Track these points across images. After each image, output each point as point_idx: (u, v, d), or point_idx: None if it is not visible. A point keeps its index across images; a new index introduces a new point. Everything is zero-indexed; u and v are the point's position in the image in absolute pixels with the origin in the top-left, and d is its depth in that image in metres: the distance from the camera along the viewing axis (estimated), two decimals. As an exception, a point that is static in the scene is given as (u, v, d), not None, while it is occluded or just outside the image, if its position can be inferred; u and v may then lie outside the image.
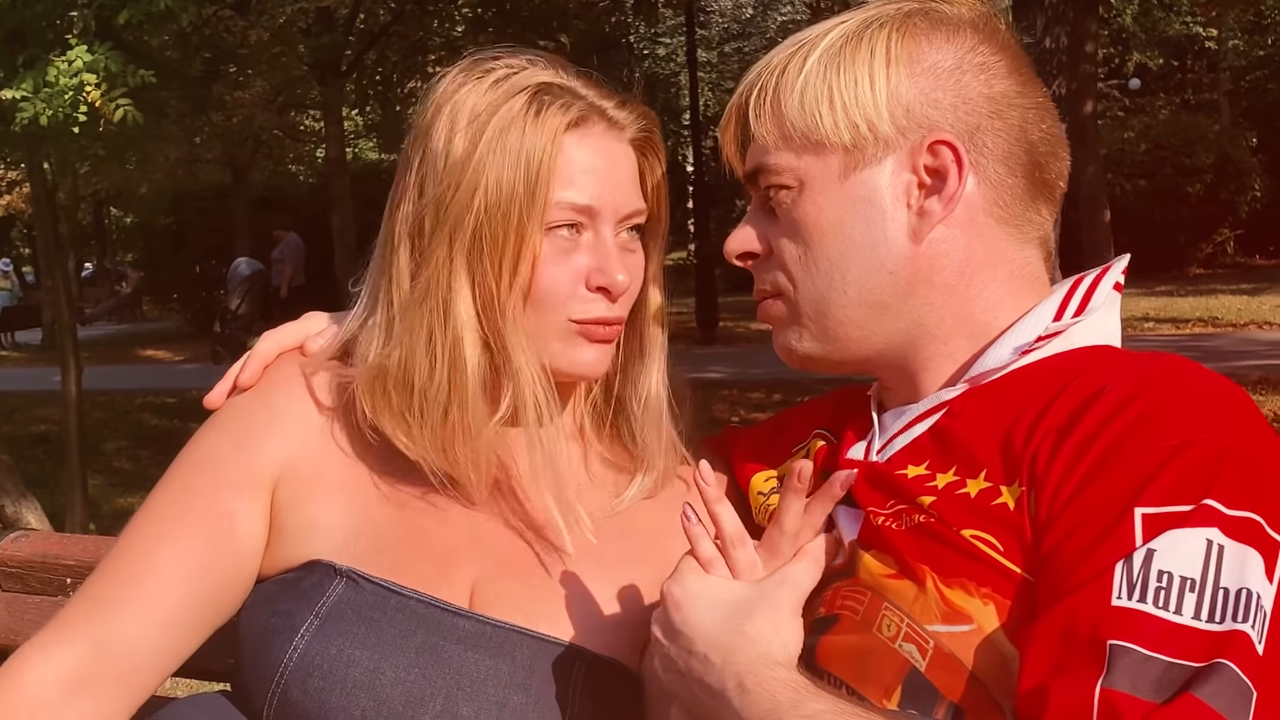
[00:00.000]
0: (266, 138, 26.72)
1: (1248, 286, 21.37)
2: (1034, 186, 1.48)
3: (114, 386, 17.32)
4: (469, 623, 1.57)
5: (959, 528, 1.32)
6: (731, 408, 12.40)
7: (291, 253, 21.14)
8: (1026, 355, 1.42)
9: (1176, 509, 1.19)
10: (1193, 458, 1.21)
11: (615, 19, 22.31)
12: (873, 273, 1.45)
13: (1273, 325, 16.86)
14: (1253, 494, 1.20)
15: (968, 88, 1.44)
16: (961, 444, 1.39)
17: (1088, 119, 10.23)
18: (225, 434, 1.66)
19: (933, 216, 1.43)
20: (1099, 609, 1.17)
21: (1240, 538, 1.17)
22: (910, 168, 1.44)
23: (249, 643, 1.58)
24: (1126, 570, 1.18)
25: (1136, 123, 27.54)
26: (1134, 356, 1.39)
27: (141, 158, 10.55)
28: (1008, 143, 1.45)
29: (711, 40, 35.88)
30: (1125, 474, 1.23)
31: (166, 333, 28.30)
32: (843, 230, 1.45)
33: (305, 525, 1.61)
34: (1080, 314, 1.44)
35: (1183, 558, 1.17)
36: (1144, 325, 16.93)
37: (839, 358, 1.51)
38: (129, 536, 1.62)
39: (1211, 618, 1.14)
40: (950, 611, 1.31)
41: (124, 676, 1.56)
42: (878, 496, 1.42)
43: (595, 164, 1.61)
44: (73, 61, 7.64)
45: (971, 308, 1.46)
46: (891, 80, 1.44)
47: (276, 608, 1.57)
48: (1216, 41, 34.67)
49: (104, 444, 13.16)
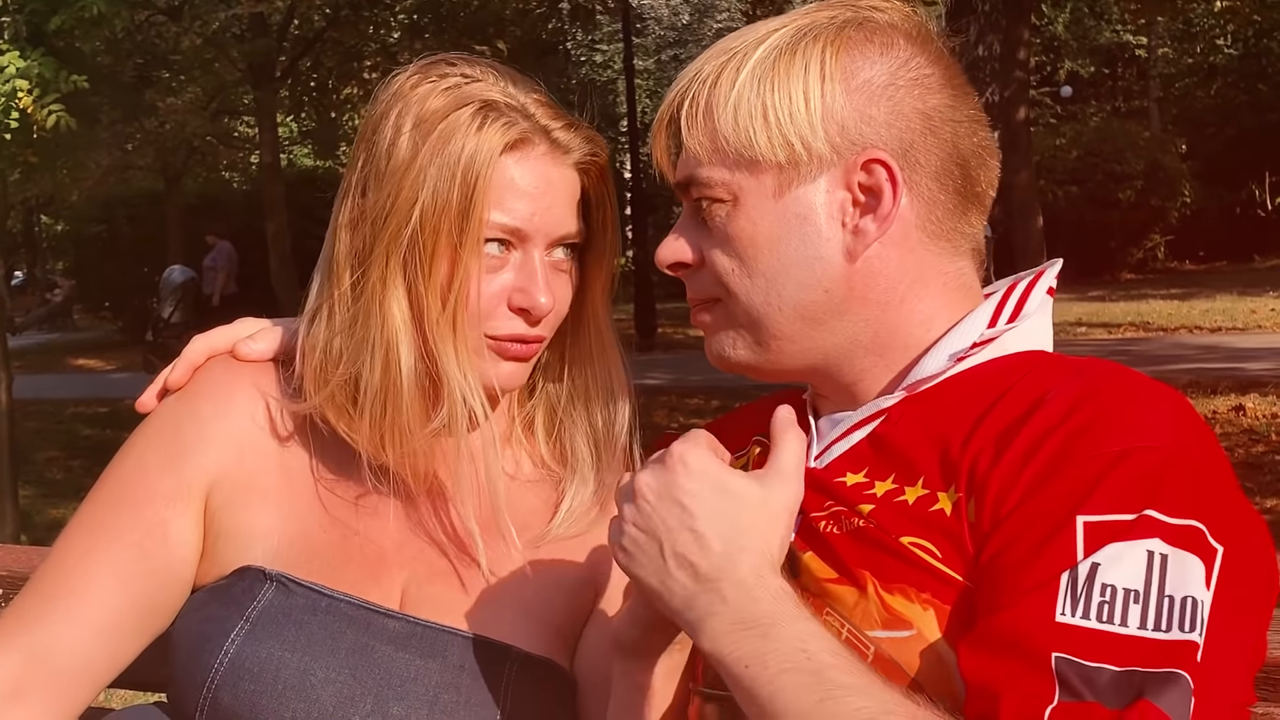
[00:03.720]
0: (199, 144, 26.50)
1: (1178, 291, 21.63)
2: (965, 200, 1.47)
3: (45, 396, 17.11)
4: (399, 623, 1.57)
5: (898, 535, 1.33)
6: (670, 414, 12.42)
7: (224, 260, 20.95)
8: (962, 362, 1.43)
9: (1118, 518, 1.20)
10: (1135, 465, 1.22)
11: (552, 26, 22.29)
12: (808, 290, 1.44)
13: (1203, 329, 17.09)
14: (1194, 501, 1.21)
15: (902, 103, 1.44)
16: (899, 452, 1.40)
17: (1021, 125, 10.34)
18: (153, 443, 1.65)
19: (867, 235, 1.43)
20: (1043, 624, 1.18)
21: (1182, 545, 1.19)
22: (845, 185, 1.43)
23: (181, 650, 1.57)
24: (1070, 584, 1.19)
25: (1068, 129, 27.86)
26: (1071, 362, 1.40)
27: (73, 164, 10.42)
28: (940, 158, 1.44)
29: (649, 47, 35.97)
30: (1068, 482, 1.23)
31: (98, 341, 27.99)
32: (778, 247, 1.44)
33: (240, 532, 1.61)
34: (1014, 320, 1.45)
35: (1125, 570, 1.18)
36: (1076, 330, 17.09)
37: (774, 368, 1.51)
38: (61, 548, 1.61)
39: (1157, 627, 1.16)
40: (890, 617, 1.31)
41: (59, 686, 1.54)
42: (816, 499, 1.42)
43: (530, 186, 1.60)
44: (5, 68, 7.55)
45: (906, 322, 1.47)
46: (826, 97, 1.42)
47: (207, 614, 1.57)
48: (1146, 49, 35.13)
49: (35, 454, 13.00)
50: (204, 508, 1.62)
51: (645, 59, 35.17)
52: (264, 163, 20.49)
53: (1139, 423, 1.26)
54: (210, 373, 1.69)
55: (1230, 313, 18.34)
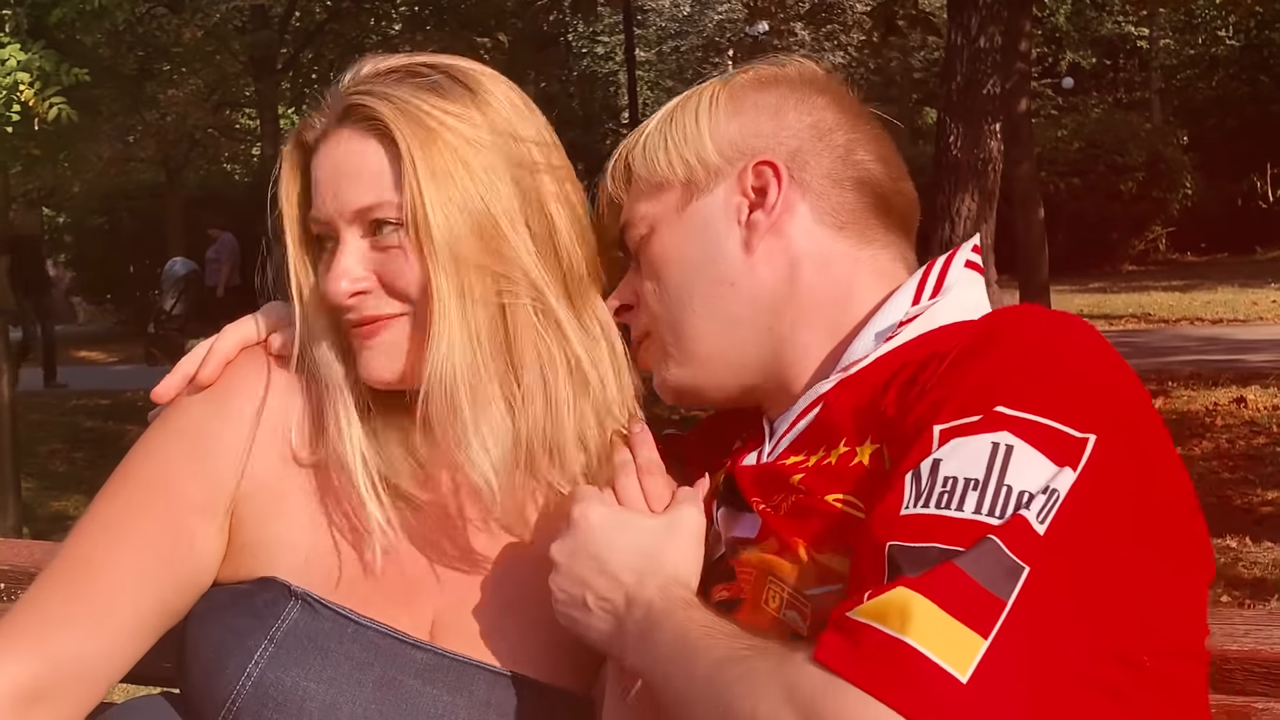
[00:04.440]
0: (201, 136, 26.48)
1: (1179, 283, 21.63)
2: (875, 207, 1.57)
3: (47, 388, 17.12)
4: (427, 655, 1.55)
5: (823, 494, 1.38)
6: (671, 406, 12.41)
7: (228, 252, 20.94)
8: (890, 340, 1.47)
9: (967, 420, 1.22)
10: (990, 369, 1.26)
11: (553, 17, 22.25)
12: (716, 286, 1.56)
13: (1204, 321, 17.09)
14: (1048, 399, 1.21)
15: (787, 117, 1.58)
16: (831, 426, 1.45)
17: (1022, 117, 10.33)
18: (180, 443, 1.60)
19: (759, 226, 1.54)
20: (887, 520, 1.21)
21: (1029, 439, 1.19)
22: (739, 191, 1.56)
23: (200, 656, 1.55)
24: (915, 480, 1.21)
25: (1070, 121, 27.83)
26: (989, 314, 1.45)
27: (75, 157, 10.41)
28: (831, 160, 1.56)
29: (650, 39, 35.93)
30: (932, 400, 1.28)
31: (100, 334, 27.99)
32: (685, 256, 1.58)
33: (266, 542, 1.58)
34: (937, 294, 1.49)
35: (965, 461, 1.19)
36: (1078, 322, 17.05)
37: (711, 383, 1.60)
38: (79, 547, 1.57)
39: (992, 512, 1.16)
40: (823, 573, 1.35)
41: (79, 689, 1.53)
42: (762, 491, 1.48)
43: (320, 174, 1.57)
44: (6, 61, 7.55)
45: (820, 304, 1.54)
46: (716, 119, 1.59)
47: (229, 622, 1.54)
48: (1148, 41, 35.09)
49: (38, 447, 13.00)
50: (230, 517, 1.58)
51: (646, 51, 35.15)
52: (265, 155, 20.54)
53: (1009, 338, 1.30)
54: (241, 369, 1.63)
55: (1232, 304, 18.34)
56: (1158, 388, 11.77)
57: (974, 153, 17.23)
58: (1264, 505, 7.94)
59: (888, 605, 1.12)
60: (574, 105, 37.90)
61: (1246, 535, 7.25)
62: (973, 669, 1.08)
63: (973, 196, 17.84)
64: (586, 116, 38.51)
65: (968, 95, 16.04)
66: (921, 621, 1.10)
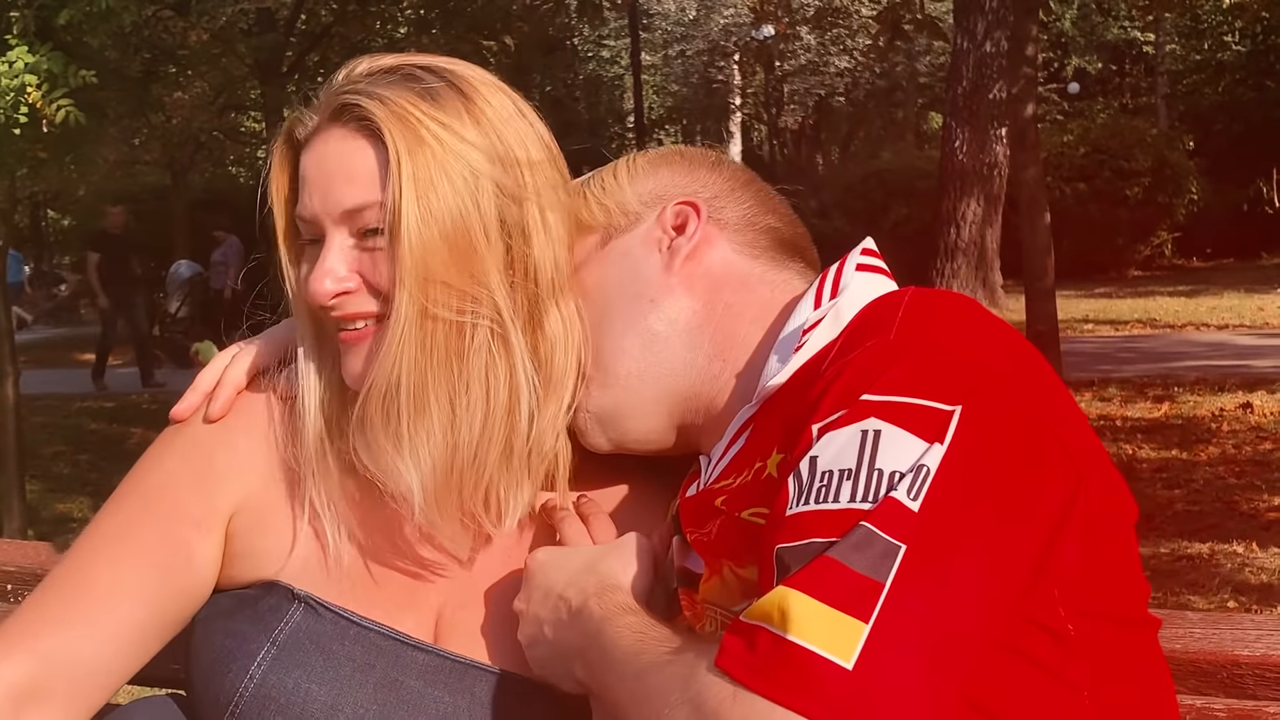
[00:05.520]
0: (206, 139, 26.53)
1: (1185, 288, 21.61)
2: (784, 245, 1.66)
3: (52, 391, 17.13)
4: (429, 657, 1.56)
5: (739, 511, 1.40)
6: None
7: (234, 255, 20.95)
8: (800, 351, 1.46)
9: (839, 414, 1.23)
10: (857, 364, 1.27)
11: (559, 21, 22.29)
12: (635, 302, 1.60)
13: (1210, 326, 17.06)
14: (914, 378, 1.22)
15: (702, 176, 1.67)
16: (756, 447, 1.45)
17: (1029, 122, 10.32)
18: (185, 464, 1.63)
19: (680, 250, 1.60)
20: (776, 524, 1.22)
21: (896, 420, 1.19)
22: (660, 228, 1.63)
23: (203, 661, 1.57)
24: (796, 481, 1.22)
25: (1075, 126, 27.77)
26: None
27: (81, 159, 10.41)
28: (743, 208, 1.65)
29: (655, 43, 35.92)
30: (813, 402, 1.29)
31: (106, 336, 27.94)
32: (604, 283, 1.63)
33: (261, 551, 1.61)
34: (835, 295, 1.49)
35: (837, 452, 1.20)
36: (1083, 327, 17.08)
37: (636, 410, 1.60)
38: (80, 553, 1.59)
39: (865, 497, 1.16)
40: (747, 587, 1.35)
41: (74, 692, 1.53)
42: (695, 521, 1.49)
43: (309, 171, 1.55)
44: (14, 63, 7.55)
45: (739, 320, 1.58)
46: (634, 175, 1.68)
47: (232, 627, 1.56)
48: (1154, 46, 35.02)
49: (42, 449, 13.01)
50: (225, 533, 1.61)
51: (652, 54, 35.14)
52: (271, 158, 20.48)
53: (876, 326, 1.32)
54: (249, 403, 1.67)
55: (1238, 310, 18.32)
56: (1163, 393, 11.76)
57: (979, 157, 17.26)
58: (1270, 511, 7.92)
59: (769, 605, 1.13)
60: (580, 109, 37.94)
61: (1253, 541, 7.24)
62: (856, 655, 1.08)
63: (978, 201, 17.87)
64: (592, 120, 38.54)
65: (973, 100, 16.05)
66: (801, 616, 1.11)
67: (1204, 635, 1.55)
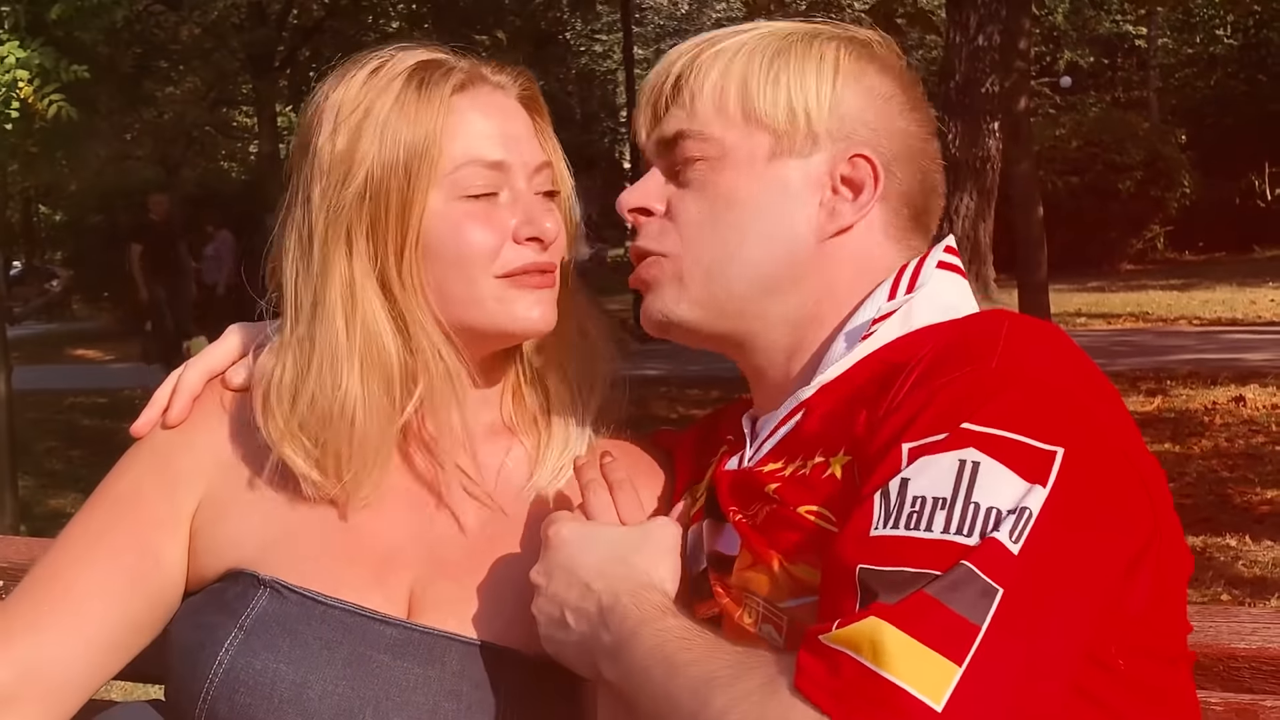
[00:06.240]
0: (198, 134, 26.50)
1: (1177, 282, 21.62)
2: (917, 220, 1.55)
3: (44, 386, 17.10)
4: (396, 630, 1.56)
5: (796, 506, 1.38)
6: (670, 404, 12.41)
7: (227, 249, 20.94)
8: (866, 340, 1.45)
9: (935, 438, 1.21)
10: (957, 388, 1.24)
11: (552, 15, 22.29)
12: (771, 256, 1.49)
13: (1202, 320, 17.08)
14: (1017, 414, 1.20)
15: (893, 121, 1.51)
16: (809, 436, 1.44)
17: (1021, 116, 10.32)
18: (149, 471, 1.66)
19: (841, 219, 1.49)
20: (856, 541, 1.20)
21: (997, 455, 1.18)
22: (830, 171, 1.49)
23: (176, 656, 1.58)
24: (884, 501, 1.20)
25: (1068, 120, 27.81)
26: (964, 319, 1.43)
27: (73, 154, 10.41)
28: (909, 183, 1.52)
29: (648, 37, 35.92)
30: (900, 417, 1.26)
31: (97, 332, 27.95)
32: (753, 208, 1.49)
33: (225, 541, 1.62)
34: (912, 290, 1.47)
35: (933, 480, 1.19)
36: (1076, 321, 17.08)
37: (710, 330, 1.54)
38: (51, 560, 1.63)
39: (960, 530, 1.15)
40: (797, 585, 1.34)
41: (47, 695, 1.56)
42: (739, 501, 1.47)
43: (492, 121, 1.60)
44: (5, 58, 7.54)
45: (838, 307, 1.51)
46: (837, 85, 1.49)
47: (201, 620, 1.57)
48: (1146, 40, 35.08)
49: (35, 445, 12.98)
50: (190, 529, 1.64)
51: (645, 49, 35.11)
52: (263, 152, 20.54)
53: (977, 352, 1.28)
54: (204, 404, 1.70)
55: (1230, 303, 18.34)
56: (1156, 386, 11.76)
57: (972, 151, 17.27)
58: (1263, 504, 7.93)
59: (859, 635, 1.12)
60: (572, 104, 37.93)
61: (1246, 534, 7.24)
62: (947, 697, 1.08)
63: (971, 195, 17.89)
64: (585, 115, 38.53)
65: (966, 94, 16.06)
66: (894, 652, 1.10)
67: (1199, 629, 1.55)
